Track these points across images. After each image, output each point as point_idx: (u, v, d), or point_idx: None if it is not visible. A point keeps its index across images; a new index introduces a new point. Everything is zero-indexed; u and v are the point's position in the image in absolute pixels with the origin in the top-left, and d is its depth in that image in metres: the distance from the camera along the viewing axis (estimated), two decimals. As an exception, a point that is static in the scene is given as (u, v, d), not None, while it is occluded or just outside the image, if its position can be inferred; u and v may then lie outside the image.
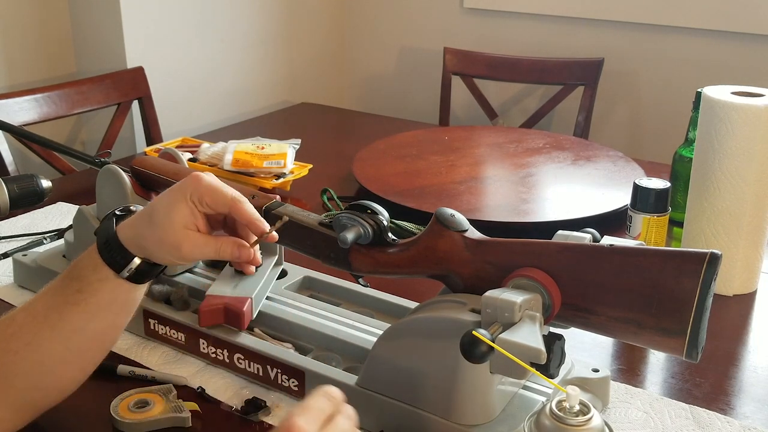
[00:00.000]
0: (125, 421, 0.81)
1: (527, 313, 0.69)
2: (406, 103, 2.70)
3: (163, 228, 0.73)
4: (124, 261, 0.75)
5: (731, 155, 1.08)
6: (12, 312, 0.76)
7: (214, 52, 2.27)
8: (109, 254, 0.75)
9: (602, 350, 0.99)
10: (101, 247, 0.75)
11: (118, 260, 0.75)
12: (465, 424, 0.76)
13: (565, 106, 2.32)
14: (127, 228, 0.76)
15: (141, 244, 0.75)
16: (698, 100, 1.21)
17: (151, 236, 0.74)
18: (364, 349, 0.87)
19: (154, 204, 0.76)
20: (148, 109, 2.02)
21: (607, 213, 1.34)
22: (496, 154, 1.68)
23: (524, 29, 2.44)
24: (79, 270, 0.75)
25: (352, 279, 1.02)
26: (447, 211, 0.80)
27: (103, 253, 0.75)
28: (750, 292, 1.14)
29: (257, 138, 1.65)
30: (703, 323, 0.68)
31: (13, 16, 1.98)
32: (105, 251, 0.75)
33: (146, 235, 0.74)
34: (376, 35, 2.73)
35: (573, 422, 0.63)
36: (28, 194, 1.09)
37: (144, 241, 0.75)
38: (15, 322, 0.74)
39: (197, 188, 0.74)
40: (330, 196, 1.42)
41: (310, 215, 0.88)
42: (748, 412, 0.87)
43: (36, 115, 1.80)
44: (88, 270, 0.75)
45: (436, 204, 1.32)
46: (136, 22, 2.03)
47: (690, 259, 0.68)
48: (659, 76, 2.27)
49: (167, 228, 0.73)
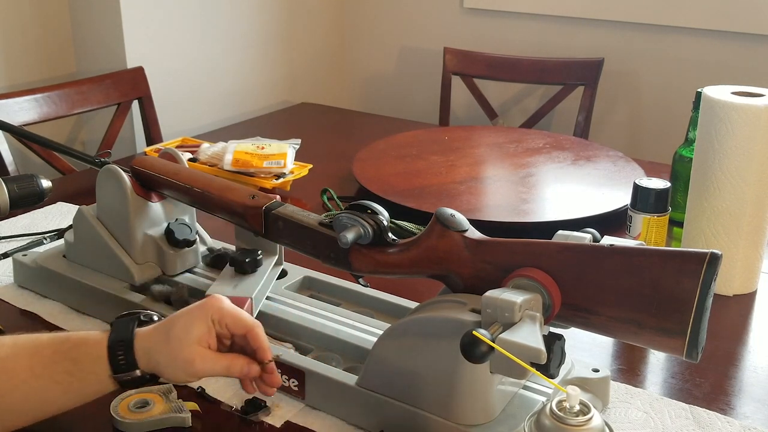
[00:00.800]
0: (125, 421, 0.81)
1: (527, 313, 0.69)
2: (406, 103, 2.70)
3: (179, 343, 0.74)
4: (127, 368, 0.74)
5: (731, 155, 1.08)
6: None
7: (214, 52, 2.27)
8: (117, 356, 0.74)
9: (602, 350, 0.99)
10: (112, 344, 0.75)
11: (122, 364, 0.74)
12: (465, 424, 0.76)
13: (565, 106, 2.32)
14: (143, 339, 0.75)
15: (153, 357, 0.75)
16: (698, 100, 1.21)
17: (166, 351, 0.75)
18: (364, 349, 0.87)
19: (174, 319, 0.77)
20: (148, 109, 2.02)
21: (607, 213, 1.34)
22: (496, 154, 1.68)
23: (524, 29, 2.44)
24: (78, 354, 0.74)
25: (352, 279, 1.02)
26: (447, 211, 0.80)
27: (112, 352, 0.74)
28: (750, 292, 1.14)
29: (257, 138, 1.65)
30: (703, 323, 0.68)
31: (13, 16, 1.98)
32: (114, 352, 0.74)
33: (161, 349, 0.75)
34: (376, 35, 2.73)
35: (573, 422, 0.63)
36: (28, 194, 1.09)
37: (157, 355, 0.75)
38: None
39: (219, 309, 0.77)
40: (330, 196, 1.42)
41: (310, 215, 0.88)
42: (748, 412, 0.87)
43: (36, 115, 1.80)
44: (88, 359, 0.74)
45: (436, 204, 1.32)
46: (136, 22, 2.03)
47: (690, 259, 0.68)
48: (659, 76, 2.27)
49: (183, 344, 0.74)
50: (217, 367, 0.76)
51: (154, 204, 1.03)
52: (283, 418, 0.84)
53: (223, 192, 0.95)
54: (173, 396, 0.85)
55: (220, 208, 0.95)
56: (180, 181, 0.98)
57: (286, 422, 0.84)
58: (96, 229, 1.03)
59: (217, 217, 0.96)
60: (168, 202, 1.04)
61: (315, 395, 0.85)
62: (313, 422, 0.84)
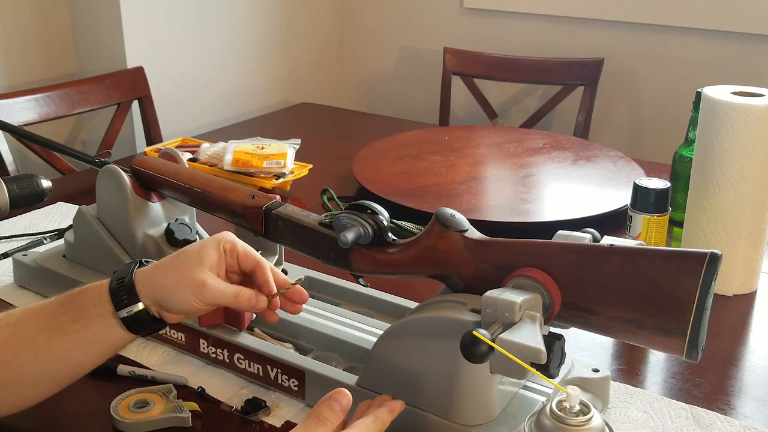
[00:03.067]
0: (125, 421, 0.81)
1: (527, 313, 0.69)
2: (406, 103, 2.70)
3: (191, 264, 0.75)
4: (129, 302, 0.74)
5: (731, 155, 1.08)
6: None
7: (214, 52, 2.27)
8: (118, 291, 0.75)
9: (602, 350, 0.99)
10: (113, 283, 0.75)
11: (123, 299, 0.74)
12: (465, 424, 0.76)
13: (565, 106, 2.32)
14: (148, 269, 0.76)
15: (158, 282, 0.75)
16: (698, 100, 1.21)
17: (175, 273, 0.75)
18: (364, 349, 0.87)
19: (185, 248, 0.78)
20: (148, 109, 2.02)
21: (607, 213, 1.34)
22: (496, 154, 1.68)
23: (524, 29, 2.44)
24: (82, 300, 0.75)
25: (352, 279, 1.02)
26: (447, 211, 0.80)
27: (113, 290, 0.75)
28: (750, 292, 1.14)
29: (257, 138, 1.65)
30: (703, 323, 0.68)
31: (13, 16, 1.98)
32: (114, 287, 0.75)
33: (170, 272, 0.75)
34: (376, 35, 2.73)
35: (573, 422, 0.63)
36: (28, 194, 1.09)
37: (164, 279, 0.75)
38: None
39: (231, 241, 0.78)
40: (330, 196, 1.42)
41: (310, 215, 0.88)
42: (748, 412, 0.87)
43: (36, 115, 1.80)
44: (91, 303, 0.75)
45: (436, 204, 1.33)
46: (136, 22, 2.03)
47: (690, 259, 0.68)
48: (659, 76, 2.27)
49: (195, 265, 0.75)
50: (227, 292, 0.76)
51: (154, 204, 1.03)
52: (283, 418, 0.84)
53: (223, 192, 0.95)
54: (173, 396, 0.85)
55: (220, 208, 0.95)
56: (180, 181, 0.98)
57: (286, 422, 0.84)
58: (96, 229, 1.03)
59: (217, 217, 0.96)
60: (168, 202, 1.04)
61: (315, 395, 0.85)
62: (313, 422, 0.84)
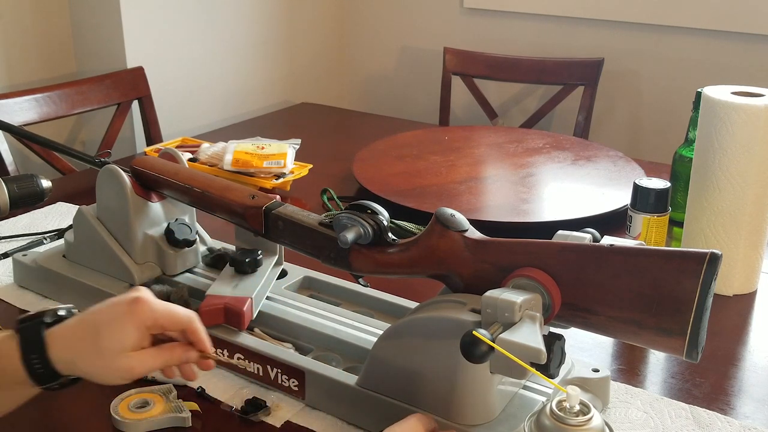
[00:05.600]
0: (125, 421, 0.81)
1: (527, 313, 0.69)
2: (406, 103, 2.70)
3: (114, 354, 0.70)
4: (51, 379, 0.70)
5: (731, 155, 1.08)
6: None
7: (214, 52, 2.27)
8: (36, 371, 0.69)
9: (602, 350, 0.99)
10: (27, 359, 0.69)
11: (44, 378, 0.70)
12: (465, 424, 0.76)
13: (565, 106, 2.32)
14: (64, 349, 0.70)
15: (80, 367, 0.70)
16: (698, 100, 1.21)
17: (99, 363, 0.70)
18: (364, 349, 0.87)
19: (99, 326, 0.71)
20: (148, 109, 2.02)
21: (607, 213, 1.34)
22: (496, 154, 1.68)
23: (524, 29, 2.44)
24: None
25: (352, 279, 1.02)
26: (447, 211, 0.80)
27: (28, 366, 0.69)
28: (750, 292, 1.14)
29: (257, 138, 1.65)
30: (703, 323, 0.68)
31: (13, 16, 1.97)
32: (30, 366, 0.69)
33: (91, 361, 0.70)
34: (376, 35, 2.73)
35: (573, 422, 0.63)
36: (28, 194, 1.09)
37: (87, 366, 0.70)
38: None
39: (151, 313, 0.72)
40: (330, 196, 1.42)
41: (310, 215, 0.88)
42: (748, 412, 0.87)
43: (36, 115, 1.80)
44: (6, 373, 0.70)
45: (436, 204, 1.33)
46: (136, 22, 2.03)
47: (690, 259, 0.68)
48: (659, 76, 2.27)
49: (119, 355, 0.70)
50: (157, 364, 0.72)
51: (154, 204, 1.03)
52: (283, 418, 0.84)
53: (223, 192, 0.95)
54: (173, 396, 0.85)
55: (220, 208, 0.95)
56: (180, 181, 0.98)
57: (286, 422, 0.84)
58: (96, 229, 1.03)
59: (217, 217, 0.96)
60: (168, 202, 1.04)
61: (315, 395, 0.85)
62: (313, 422, 0.84)
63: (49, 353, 0.70)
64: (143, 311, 0.71)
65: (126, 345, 0.70)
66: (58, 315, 0.73)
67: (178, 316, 0.73)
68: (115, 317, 0.71)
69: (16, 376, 0.70)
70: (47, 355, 0.70)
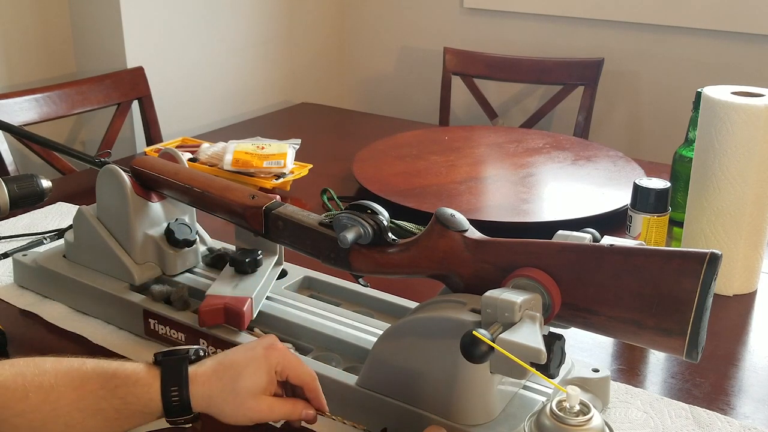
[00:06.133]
0: (126, 421, 0.81)
1: (527, 313, 0.69)
2: (406, 103, 2.70)
3: (249, 395, 0.75)
4: (182, 411, 0.73)
5: (731, 155, 1.08)
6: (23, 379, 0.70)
7: (215, 52, 2.27)
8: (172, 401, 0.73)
9: (602, 350, 0.99)
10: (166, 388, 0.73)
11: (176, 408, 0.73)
12: (465, 424, 0.76)
13: (565, 106, 2.32)
14: (202, 384, 0.74)
15: (216, 404, 0.74)
16: (698, 100, 1.21)
17: (233, 401, 0.74)
18: (364, 349, 0.87)
19: (237, 368, 0.75)
20: (148, 109, 2.02)
21: (607, 213, 1.34)
22: (496, 154, 1.68)
23: (524, 29, 2.44)
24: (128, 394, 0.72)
25: (352, 279, 1.02)
26: (447, 211, 0.80)
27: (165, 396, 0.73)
28: (750, 292, 1.14)
29: (257, 138, 1.65)
30: (703, 323, 0.68)
31: (13, 16, 1.97)
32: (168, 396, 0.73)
33: (228, 398, 0.74)
34: (376, 35, 2.73)
35: (573, 422, 0.63)
36: (28, 194, 1.09)
37: (222, 404, 0.74)
38: (29, 401, 0.69)
39: (283, 360, 0.77)
40: (330, 196, 1.42)
41: (310, 215, 0.88)
42: (748, 412, 0.87)
43: (36, 115, 1.80)
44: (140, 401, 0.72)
45: (436, 204, 1.33)
46: (136, 22, 2.03)
47: (690, 259, 0.68)
48: (659, 76, 2.27)
49: (254, 397, 0.75)
50: (282, 413, 0.77)
51: (154, 204, 1.03)
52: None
53: (223, 192, 0.95)
54: (173, 396, 0.85)
55: (220, 208, 0.95)
56: (180, 181, 0.98)
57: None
58: (96, 229, 1.03)
59: (217, 217, 0.96)
60: (168, 202, 1.04)
61: (315, 395, 0.85)
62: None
63: (190, 388, 0.73)
64: (276, 358, 0.77)
65: (260, 387, 0.75)
66: (199, 354, 0.77)
67: (304, 371, 0.78)
68: (252, 361, 0.76)
69: (149, 405, 0.73)
70: (188, 390, 0.73)
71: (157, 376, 0.73)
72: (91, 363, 0.73)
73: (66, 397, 0.71)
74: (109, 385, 0.72)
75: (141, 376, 0.73)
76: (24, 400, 0.69)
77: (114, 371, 0.73)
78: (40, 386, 0.70)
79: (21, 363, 0.71)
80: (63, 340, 0.99)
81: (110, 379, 0.72)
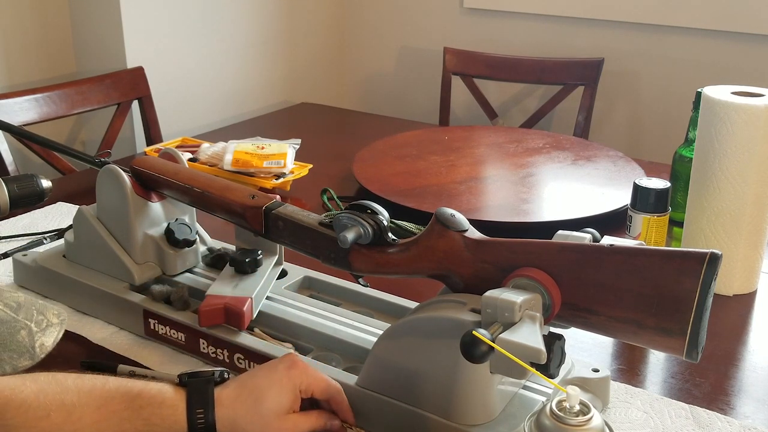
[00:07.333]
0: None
1: (527, 313, 0.69)
2: (406, 103, 2.70)
3: (274, 416, 0.75)
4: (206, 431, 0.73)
5: (731, 155, 1.08)
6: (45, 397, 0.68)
7: (214, 52, 2.27)
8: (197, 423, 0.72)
9: (602, 350, 0.99)
10: (191, 410, 0.73)
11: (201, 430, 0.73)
12: (465, 424, 0.76)
13: (565, 106, 2.32)
14: (227, 407, 0.74)
15: (240, 426, 0.74)
16: (698, 100, 1.21)
17: (259, 422, 0.74)
18: (364, 349, 0.87)
19: (261, 389, 0.75)
20: (148, 109, 2.02)
21: (607, 213, 1.34)
22: (496, 154, 1.68)
23: (524, 29, 2.44)
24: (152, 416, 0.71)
25: (352, 279, 1.02)
26: (447, 211, 0.80)
27: (190, 418, 0.72)
28: (750, 292, 1.14)
29: (257, 138, 1.65)
30: (703, 323, 0.68)
31: (13, 16, 1.97)
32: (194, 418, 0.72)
33: (254, 420, 0.74)
34: (376, 35, 2.73)
35: (573, 422, 0.63)
36: (28, 194, 1.09)
37: (248, 426, 0.74)
38: (50, 420, 0.67)
39: (306, 378, 0.77)
40: (330, 196, 1.42)
41: (310, 215, 0.88)
42: (748, 412, 0.87)
43: (36, 115, 1.80)
44: (165, 423, 0.72)
45: (436, 204, 1.32)
46: (136, 22, 2.03)
47: (690, 259, 0.68)
48: (659, 76, 2.27)
49: (279, 417, 0.75)
50: (306, 427, 0.77)
51: (154, 204, 1.03)
52: (283, 418, 0.84)
53: (223, 192, 0.95)
54: (173, 396, 0.85)
55: (220, 208, 0.95)
56: (180, 181, 0.98)
57: None
58: (96, 229, 1.03)
59: (217, 217, 0.96)
60: (168, 202, 1.04)
61: (315, 395, 0.85)
62: (313, 422, 0.84)
63: (216, 411, 0.73)
64: (299, 376, 0.77)
65: (284, 409, 0.75)
66: (223, 377, 0.77)
67: (329, 385, 0.79)
68: (275, 383, 0.76)
69: (173, 427, 0.72)
70: (214, 412, 0.73)
71: (182, 398, 0.73)
72: (114, 382, 0.72)
73: (88, 417, 0.69)
74: (133, 405, 0.71)
75: (167, 397, 0.72)
76: (45, 418, 0.67)
77: (139, 391, 0.72)
78: (62, 404, 0.68)
79: (42, 379, 0.69)
80: (63, 340, 0.99)
81: (135, 399, 0.71)
